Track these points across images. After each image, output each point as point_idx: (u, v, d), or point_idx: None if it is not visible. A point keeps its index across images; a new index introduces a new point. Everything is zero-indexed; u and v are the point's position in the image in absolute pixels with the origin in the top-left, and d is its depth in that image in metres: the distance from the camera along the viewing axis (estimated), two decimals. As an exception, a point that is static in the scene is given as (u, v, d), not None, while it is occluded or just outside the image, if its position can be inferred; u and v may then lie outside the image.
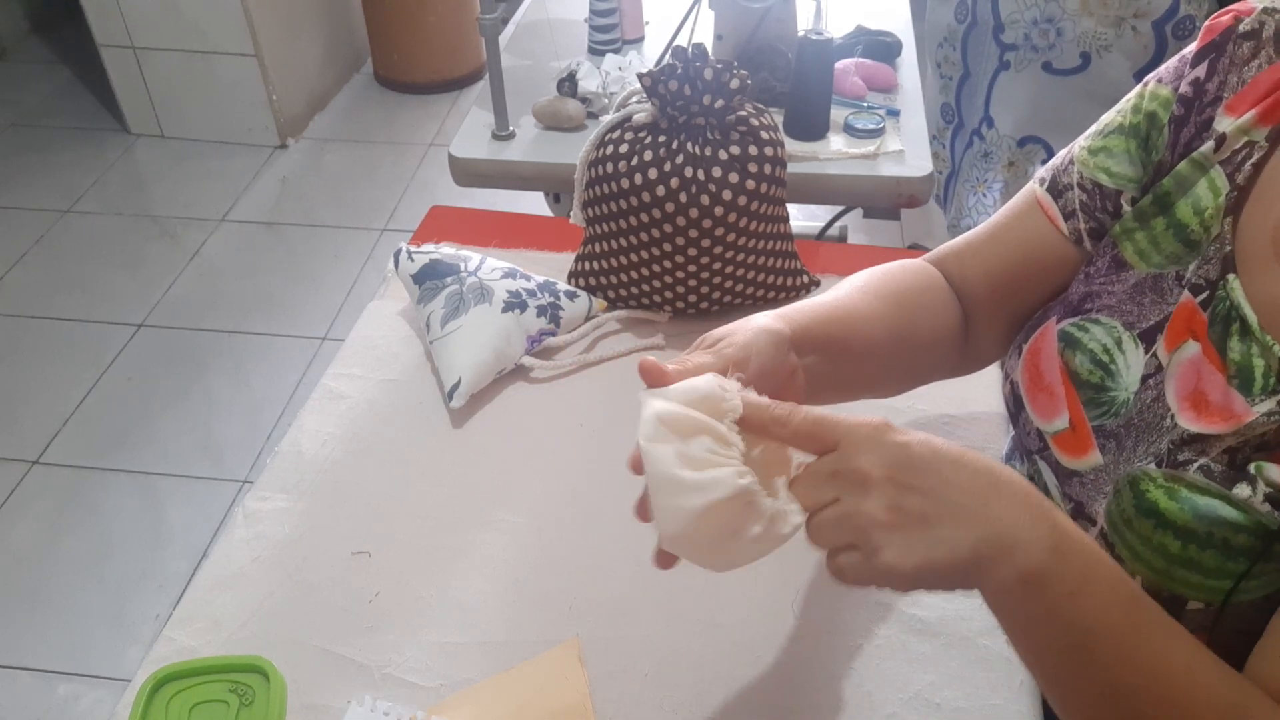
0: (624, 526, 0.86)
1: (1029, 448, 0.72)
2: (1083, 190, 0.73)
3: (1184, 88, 0.67)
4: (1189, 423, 0.60)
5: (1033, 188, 0.77)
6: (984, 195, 1.71)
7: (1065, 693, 0.55)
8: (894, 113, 1.39)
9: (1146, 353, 0.64)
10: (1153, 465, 0.61)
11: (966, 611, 0.79)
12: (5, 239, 2.68)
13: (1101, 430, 0.65)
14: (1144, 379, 0.64)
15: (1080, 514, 0.66)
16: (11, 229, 2.72)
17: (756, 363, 0.63)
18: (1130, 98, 0.73)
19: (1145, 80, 0.72)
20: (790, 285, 1.09)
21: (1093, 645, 0.52)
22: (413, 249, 1.07)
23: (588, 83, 1.39)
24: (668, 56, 1.15)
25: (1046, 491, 0.71)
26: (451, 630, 0.78)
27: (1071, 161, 0.74)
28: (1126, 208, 0.70)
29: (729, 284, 1.04)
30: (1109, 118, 0.74)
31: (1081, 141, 0.75)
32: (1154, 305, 0.65)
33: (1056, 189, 0.75)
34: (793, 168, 1.23)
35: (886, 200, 1.32)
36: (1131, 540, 0.61)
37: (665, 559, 0.59)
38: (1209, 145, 0.64)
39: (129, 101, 3.07)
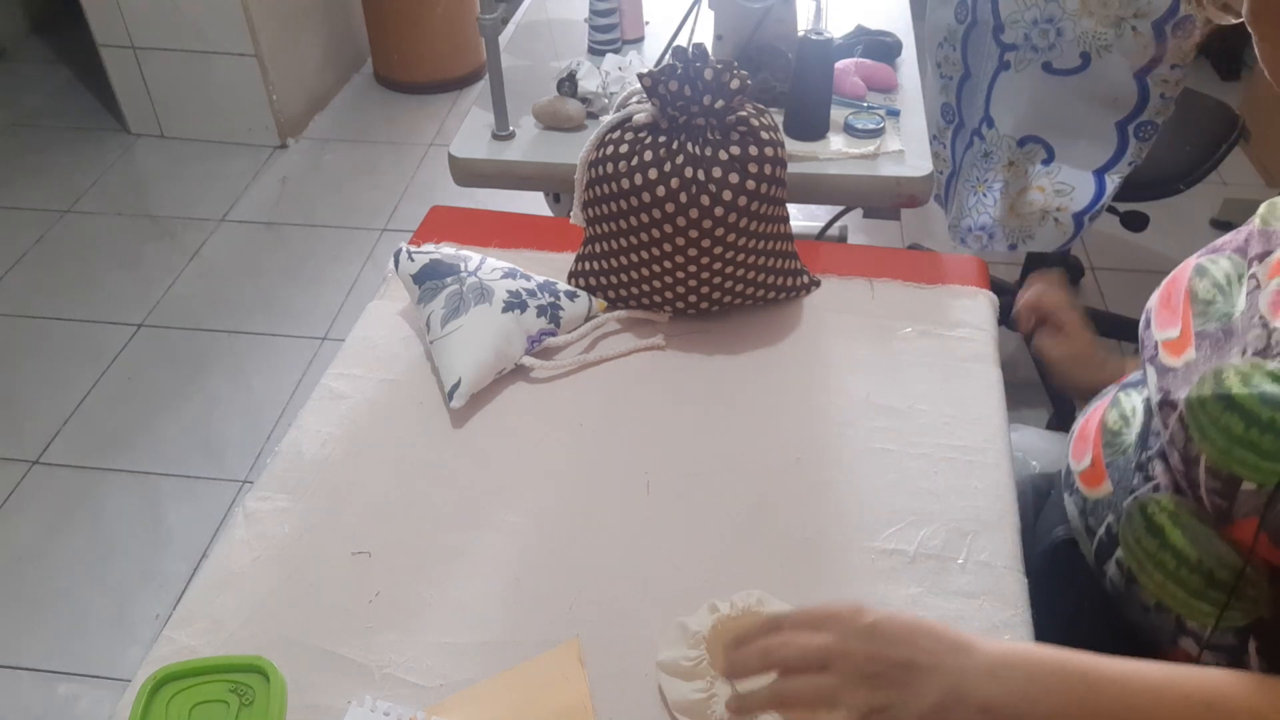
0: (624, 526, 0.87)
1: (1145, 357, 0.79)
2: None
3: None
4: (1274, 318, 0.66)
5: None
6: (984, 195, 1.71)
7: None
8: (894, 113, 1.39)
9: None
10: (1238, 358, 0.67)
11: (967, 612, 0.79)
12: (5, 239, 2.68)
13: (1202, 335, 0.72)
14: (1246, 295, 0.71)
15: (1166, 401, 0.72)
16: (11, 229, 2.72)
17: None
18: None
19: None
20: (790, 285, 1.09)
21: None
22: (413, 249, 1.07)
23: (588, 83, 1.39)
24: (668, 57, 1.15)
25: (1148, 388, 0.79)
26: (451, 630, 0.78)
27: None
28: None
29: (729, 284, 1.04)
30: None
31: None
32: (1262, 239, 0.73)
33: None
34: (793, 168, 1.23)
35: (886, 200, 1.32)
36: (1203, 420, 0.67)
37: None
38: None
39: (129, 101, 3.07)
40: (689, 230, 0.98)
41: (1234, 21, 0.67)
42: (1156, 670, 0.61)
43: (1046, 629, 0.78)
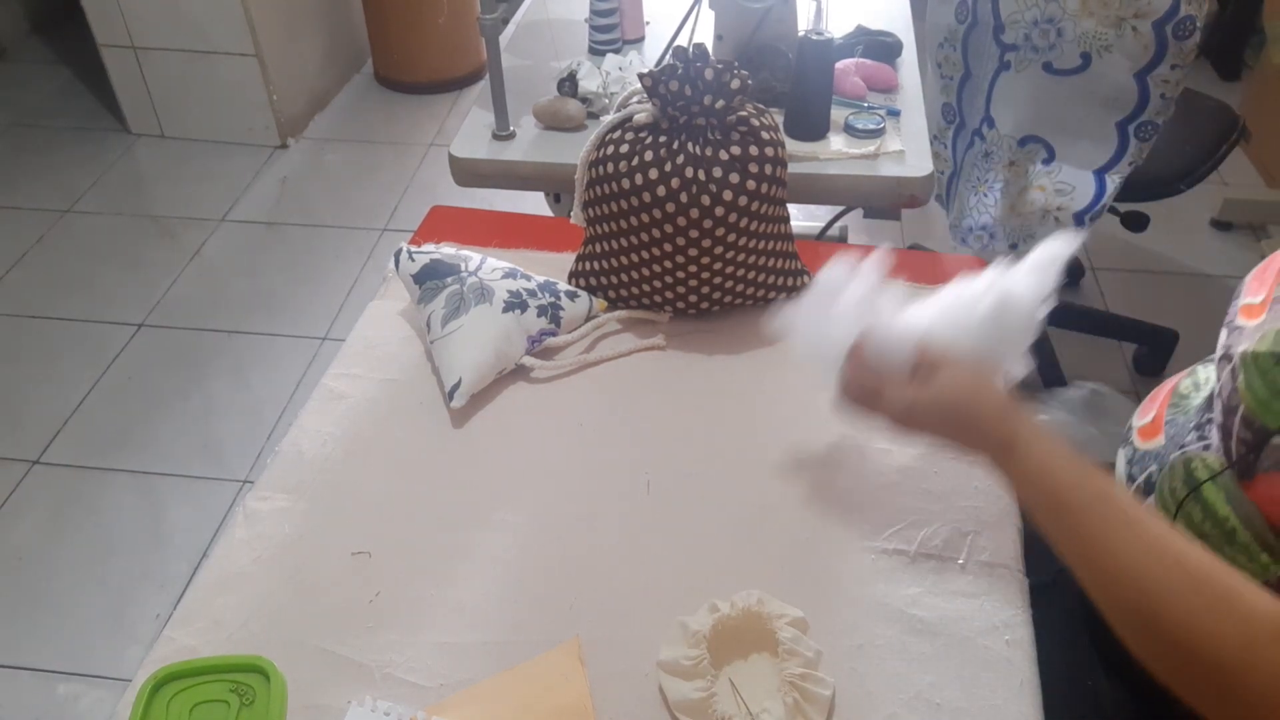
0: (624, 526, 0.87)
1: (1225, 321, 0.79)
2: None
3: None
4: None
5: None
6: (985, 195, 1.71)
7: (1062, 549, 0.67)
8: (894, 113, 1.39)
9: None
10: None
11: (967, 612, 0.79)
12: (5, 239, 2.68)
13: (1278, 300, 0.72)
14: None
15: (1225, 355, 0.74)
16: (11, 229, 2.72)
17: None
18: None
19: None
20: (791, 285, 1.09)
21: (1063, 509, 0.67)
22: (413, 249, 1.07)
23: (588, 83, 1.39)
24: (668, 57, 1.15)
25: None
26: (451, 630, 0.78)
27: None
28: None
29: (729, 284, 1.04)
30: None
31: None
32: None
33: None
34: (793, 168, 1.23)
35: (887, 200, 1.32)
36: (1252, 372, 0.68)
37: None
38: None
39: (129, 101, 3.07)
40: (689, 230, 0.98)
41: None
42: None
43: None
